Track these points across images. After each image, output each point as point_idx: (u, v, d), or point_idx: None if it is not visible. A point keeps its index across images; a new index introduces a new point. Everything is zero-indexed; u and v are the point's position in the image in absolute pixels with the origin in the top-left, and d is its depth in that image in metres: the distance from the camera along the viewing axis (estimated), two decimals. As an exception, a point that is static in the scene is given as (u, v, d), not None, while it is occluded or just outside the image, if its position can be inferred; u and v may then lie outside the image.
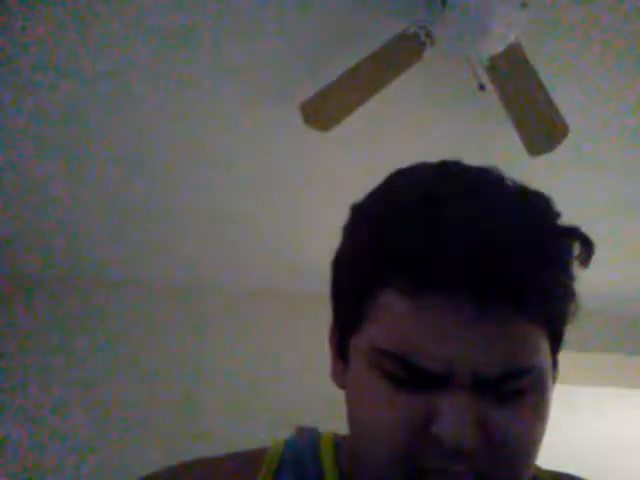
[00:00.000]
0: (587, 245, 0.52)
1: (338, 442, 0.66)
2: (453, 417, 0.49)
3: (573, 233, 0.52)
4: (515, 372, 0.50)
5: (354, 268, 0.54)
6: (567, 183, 2.53)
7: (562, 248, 0.51)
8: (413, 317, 0.49)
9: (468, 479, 0.49)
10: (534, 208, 0.51)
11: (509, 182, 0.53)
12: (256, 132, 2.35)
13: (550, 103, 1.90)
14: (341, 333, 0.59)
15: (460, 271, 0.47)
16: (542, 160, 2.13)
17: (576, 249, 0.52)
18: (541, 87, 1.86)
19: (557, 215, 0.52)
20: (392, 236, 0.50)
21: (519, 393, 0.51)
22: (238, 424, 3.13)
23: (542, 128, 1.97)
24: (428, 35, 1.77)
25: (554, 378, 0.56)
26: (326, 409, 3.14)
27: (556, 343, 0.55)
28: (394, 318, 0.51)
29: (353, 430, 0.56)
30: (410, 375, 0.50)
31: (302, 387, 3.21)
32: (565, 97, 2.00)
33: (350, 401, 0.57)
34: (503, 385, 0.50)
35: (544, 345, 0.52)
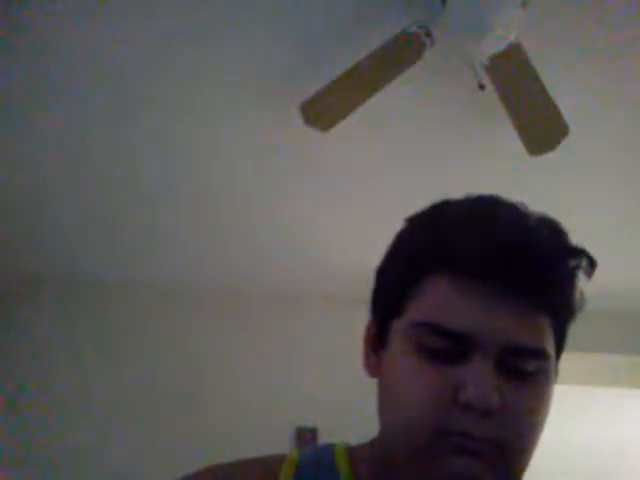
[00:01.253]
0: (591, 262, 0.64)
1: (351, 452, 0.73)
2: (480, 382, 0.58)
3: (582, 253, 0.64)
4: (532, 349, 0.61)
5: (407, 259, 0.66)
6: (566, 183, 2.53)
7: (574, 263, 0.64)
8: (454, 297, 0.61)
9: (484, 443, 0.58)
10: (554, 231, 0.64)
11: (532, 211, 0.66)
12: (256, 132, 2.35)
13: (550, 103, 1.90)
14: (381, 323, 0.68)
15: (498, 266, 0.59)
16: (542, 160, 2.13)
17: (583, 266, 0.65)
18: (541, 87, 1.86)
19: (570, 239, 0.65)
20: (443, 236, 0.63)
21: (531, 376, 0.61)
22: (240, 424, 3.13)
23: (542, 128, 1.97)
24: (428, 35, 1.77)
25: (555, 379, 0.65)
26: (326, 408, 3.14)
27: (559, 348, 0.66)
28: (437, 298, 0.62)
29: (384, 407, 0.65)
30: (443, 343, 0.60)
31: (303, 387, 3.21)
32: (565, 97, 2.00)
33: (385, 381, 0.66)
34: (521, 362, 0.60)
35: (553, 342, 0.64)
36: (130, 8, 1.88)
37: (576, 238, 0.65)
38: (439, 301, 0.62)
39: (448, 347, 0.60)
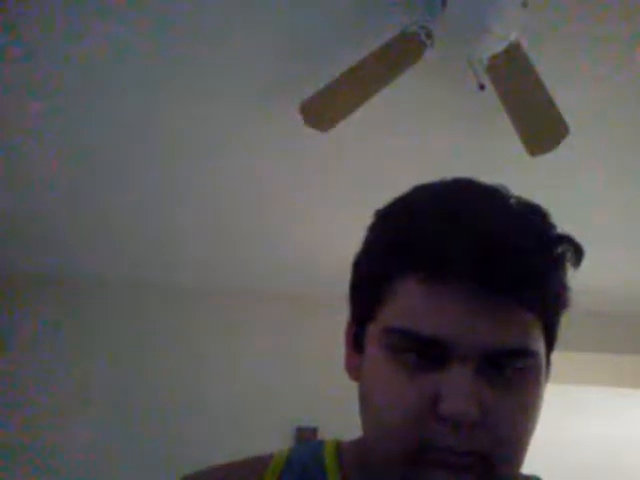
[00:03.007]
0: (578, 250, 0.60)
1: (341, 448, 0.72)
2: (457, 393, 0.54)
3: (567, 240, 0.59)
4: (516, 351, 0.56)
5: (377, 261, 0.62)
6: (566, 183, 2.53)
7: (557, 252, 0.59)
8: (426, 300, 0.56)
9: (468, 456, 0.55)
10: (535, 217, 0.60)
11: (514, 196, 0.62)
12: (255, 132, 2.35)
13: (550, 103, 1.90)
14: (358, 325, 0.65)
15: (471, 264, 0.54)
16: (541, 159, 2.13)
17: (569, 254, 0.60)
18: (541, 87, 1.86)
19: (553, 225, 0.60)
20: (412, 234, 0.58)
21: (517, 378, 0.57)
22: (240, 424, 3.13)
23: (542, 128, 1.97)
24: (428, 35, 1.77)
25: (547, 376, 0.62)
26: (326, 409, 3.14)
27: (549, 340, 0.62)
28: (409, 302, 0.57)
29: (364, 414, 0.62)
30: (418, 350, 0.56)
31: (303, 387, 3.21)
32: (565, 97, 2.00)
33: (363, 388, 0.62)
34: (504, 364, 0.56)
35: (540, 337, 0.59)
36: (128, 10, 1.88)
37: (575, 237, 0.62)
38: (412, 305, 0.57)
39: (423, 353, 0.56)
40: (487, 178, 0.64)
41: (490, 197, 0.61)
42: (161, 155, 2.50)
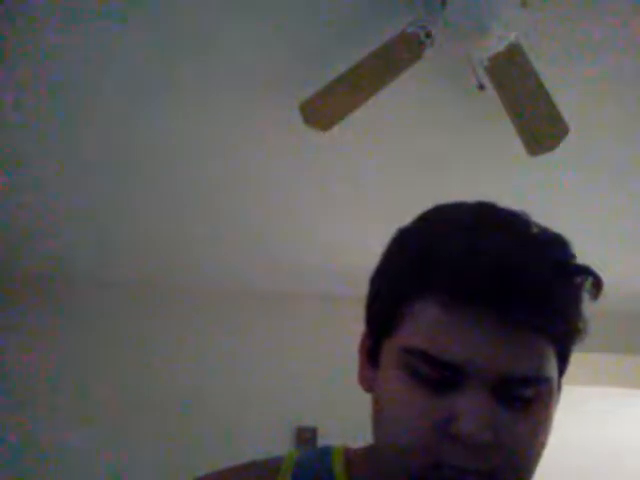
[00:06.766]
0: (597, 281, 0.61)
1: (349, 455, 0.72)
2: (472, 415, 0.56)
3: (586, 271, 0.61)
4: (530, 378, 0.58)
5: (397, 279, 0.63)
6: (566, 183, 2.53)
7: (576, 283, 0.60)
8: (445, 323, 0.58)
9: (478, 476, 0.56)
10: (555, 247, 0.61)
11: (535, 223, 0.63)
12: (255, 132, 2.35)
13: (550, 103, 1.90)
14: (375, 339, 0.65)
15: (491, 290, 0.56)
16: (541, 159, 2.13)
17: (587, 285, 0.61)
18: (541, 87, 1.86)
19: (573, 256, 0.61)
20: (432, 258, 0.59)
21: (529, 402, 0.59)
22: (240, 424, 3.13)
23: (542, 128, 1.97)
24: (428, 35, 1.77)
25: (558, 399, 0.63)
26: (326, 408, 3.14)
27: (562, 366, 0.63)
28: (427, 323, 0.59)
29: (377, 428, 0.63)
30: (435, 372, 0.58)
31: (303, 387, 3.21)
32: (565, 97, 2.00)
33: (377, 402, 0.64)
34: (519, 390, 0.58)
35: (554, 363, 0.61)
36: (126, 9, 1.88)
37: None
38: (430, 327, 0.58)
39: (440, 375, 0.58)
40: (487, 178, 0.64)
41: (512, 225, 0.61)
42: (160, 155, 2.50)
